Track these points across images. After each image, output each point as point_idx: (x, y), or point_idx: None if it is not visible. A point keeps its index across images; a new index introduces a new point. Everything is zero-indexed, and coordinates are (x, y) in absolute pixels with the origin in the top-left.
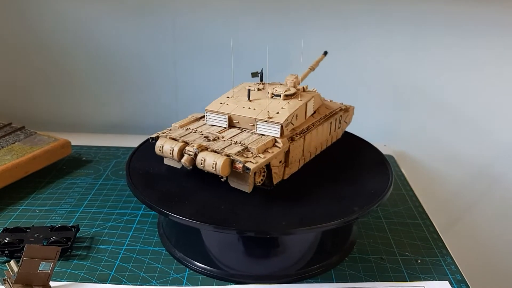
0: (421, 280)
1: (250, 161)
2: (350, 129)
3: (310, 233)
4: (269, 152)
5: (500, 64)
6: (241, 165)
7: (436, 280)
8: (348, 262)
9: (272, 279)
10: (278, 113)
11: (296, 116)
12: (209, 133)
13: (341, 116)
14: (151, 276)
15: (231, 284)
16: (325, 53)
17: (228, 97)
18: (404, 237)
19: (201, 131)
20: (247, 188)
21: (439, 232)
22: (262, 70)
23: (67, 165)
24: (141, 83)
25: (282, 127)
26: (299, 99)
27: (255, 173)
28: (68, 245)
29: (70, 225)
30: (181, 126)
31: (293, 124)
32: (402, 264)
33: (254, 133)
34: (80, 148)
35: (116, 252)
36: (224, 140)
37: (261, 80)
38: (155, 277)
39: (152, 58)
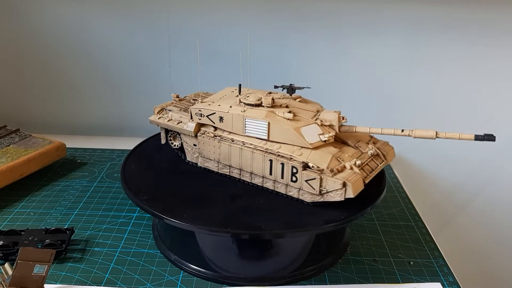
0: (414, 282)
1: (154, 116)
2: None
3: (303, 236)
4: (175, 123)
5: (490, 67)
6: None
7: (428, 282)
8: (342, 264)
9: (266, 281)
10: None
11: (221, 118)
12: (200, 97)
13: (296, 168)
14: (145, 278)
15: (225, 286)
16: (485, 138)
17: (248, 90)
18: (397, 239)
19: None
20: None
21: (431, 233)
22: (291, 85)
23: (62, 167)
24: (136, 85)
25: (190, 112)
26: (242, 110)
27: (170, 134)
28: (63, 247)
29: (65, 227)
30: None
31: (212, 121)
32: (394, 265)
33: None
34: (75, 151)
35: (111, 254)
36: (186, 103)
37: (291, 94)
38: (149, 280)
39: (147, 60)
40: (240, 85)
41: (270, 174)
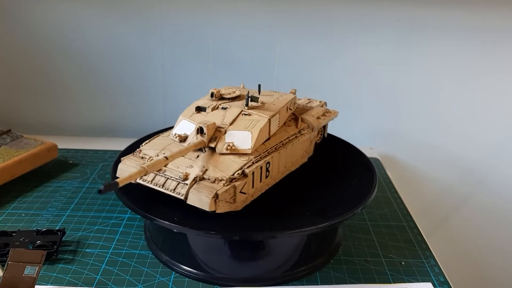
0: (405, 282)
1: None
2: (335, 131)
3: (294, 237)
4: None
5: (483, 67)
6: None
7: (420, 282)
8: (333, 264)
9: (258, 281)
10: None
11: None
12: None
13: None
14: (137, 279)
15: (217, 287)
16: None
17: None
18: (389, 239)
19: None
20: None
21: (423, 234)
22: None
23: (53, 168)
24: (129, 86)
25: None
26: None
27: None
28: (54, 249)
29: (56, 228)
30: None
31: None
32: (386, 266)
33: None
34: (67, 152)
35: (102, 255)
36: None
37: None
38: (141, 281)
39: (139, 61)
40: (259, 85)
41: None
